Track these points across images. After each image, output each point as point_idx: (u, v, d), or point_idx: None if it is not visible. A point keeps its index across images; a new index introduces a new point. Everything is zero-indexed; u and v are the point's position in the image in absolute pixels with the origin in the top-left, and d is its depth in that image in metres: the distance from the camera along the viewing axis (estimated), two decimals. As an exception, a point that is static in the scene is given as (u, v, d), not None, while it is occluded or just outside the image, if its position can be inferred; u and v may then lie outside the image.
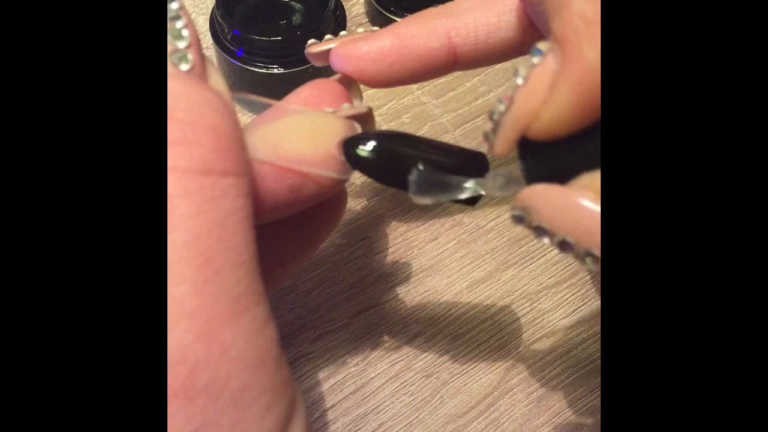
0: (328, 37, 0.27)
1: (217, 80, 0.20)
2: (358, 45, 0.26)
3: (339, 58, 0.27)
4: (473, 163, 0.24)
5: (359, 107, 0.24)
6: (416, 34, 0.26)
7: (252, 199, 0.19)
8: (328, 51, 0.27)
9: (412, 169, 0.22)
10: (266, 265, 0.24)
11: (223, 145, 0.18)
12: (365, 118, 0.25)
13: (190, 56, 0.19)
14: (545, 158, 0.21)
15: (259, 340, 0.18)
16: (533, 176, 0.21)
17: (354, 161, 0.23)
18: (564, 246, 0.20)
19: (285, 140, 0.22)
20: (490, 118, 0.21)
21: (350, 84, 0.27)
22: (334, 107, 0.25)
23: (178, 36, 0.19)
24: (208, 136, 0.18)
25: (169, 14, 0.19)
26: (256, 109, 0.24)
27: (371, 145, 0.23)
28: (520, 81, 0.21)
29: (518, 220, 0.21)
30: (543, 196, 0.20)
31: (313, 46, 0.28)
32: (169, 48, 0.18)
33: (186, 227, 0.17)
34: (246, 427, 0.17)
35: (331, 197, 0.25)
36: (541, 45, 0.21)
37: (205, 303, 0.17)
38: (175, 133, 0.17)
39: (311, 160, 0.22)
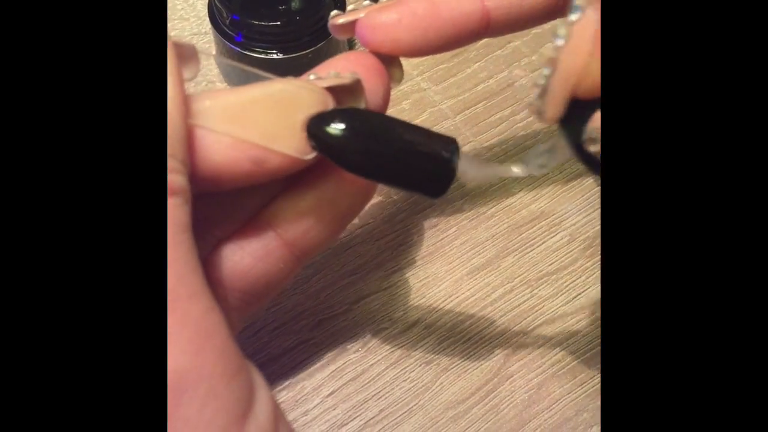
0: (351, 7, 0.26)
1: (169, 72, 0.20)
2: (388, 12, 0.24)
3: (367, 28, 0.25)
4: (443, 147, 0.22)
5: (344, 77, 0.22)
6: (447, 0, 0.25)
7: (188, 207, 0.19)
8: (353, 22, 0.25)
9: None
10: (289, 243, 0.25)
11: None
12: (353, 90, 0.23)
13: None
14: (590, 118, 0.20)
15: (194, 327, 0.18)
16: (579, 140, 0.21)
17: (319, 143, 0.21)
18: None
19: (248, 110, 0.21)
20: (536, 85, 0.21)
21: (390, 62, 0.25)
22: (366, 77, 0.23)
23: None
24: None
25: None
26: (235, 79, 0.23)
27: (339, 126, 0.21)
28: (560, 42, 0.20)
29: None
30: None
31: (337, 17, 0.26)
32: None
33: None
34: (186, 413, 0.17)
35: (359, 183, 0.24)
36: (579, 0, 0.20)
37: None
38: None
39: (273, 134, 0.21)
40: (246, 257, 0.24)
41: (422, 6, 0.25)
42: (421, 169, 0.21)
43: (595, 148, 0.20)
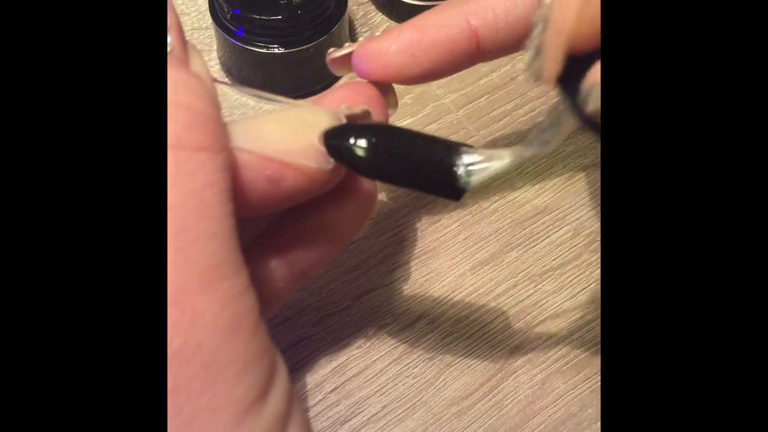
0: (347, 44, 0.27)
1: (199, 64, 0.20)
2: (379, 41, 0.26)
3: (362, 57, 0.26)
4: (452, 154, 0.22)
5: (355, 109, 0.24)
6: (435, 23, 0.26)
7: (230, 175, 0.19)
8: (350, 57, 0.27)
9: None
10: (289, 263, 0.25)
11: (196, 122, 0.18)
12: (362, 120, 0.24)
13: (168, 41, 0.19)
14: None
15: (234, 307, 0.18)
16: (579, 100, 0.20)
17: (335, 151, 0.22)
18: None
19: (266, 130, 0.22)
20: (529, 47, 0.20)
21: (386, 90, 0.27)
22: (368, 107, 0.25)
23: None
24: (181, 114, 0.18)
25: None
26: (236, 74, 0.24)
27: (353, 135, 0.22)
28: None
29: None
30: None
31: (334, 52, 0.27)
32: None
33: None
34: (217, 392, 0.18)
35: (360, 195, 0.25)
36: None
37: (180, 271, 0.17)
38: None
39: (291, 149, 0.21)
40: None
41: (409, 31, 0.26)
42: (433, 172, 0.22)
43: (594, 106, 0.19)
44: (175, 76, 0.19)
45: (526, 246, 0.37)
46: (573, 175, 0.39)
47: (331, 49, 0.28)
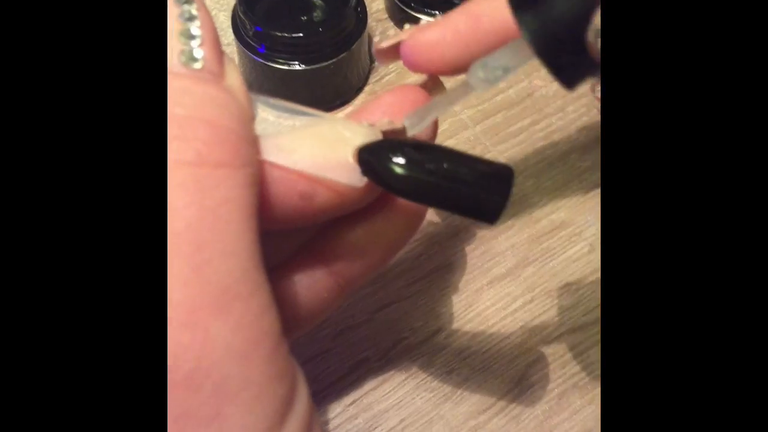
0: (391, 32, 0.26)
1: (234, 78, 0.20)
2: (431, 31, 0.25)
3: (412, 48, 0.25)
4: (497, 177, 0.21)
5: (396, 124, 0.23)
6: (489, 11, 0.25)
7: (254, 190, 0.19)
8: (397, 46, 0.25)
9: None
10: (335, 273, 0.24)
11: (218, 138, 0.18)
12: (403, 135, 0.23)
13: (199, 55, 0.19)
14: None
15: (249, 331, 0.18)
16: (538, 34, 0.19)
17: (368, 169, 0.21)
18: None
19: (299, 144, 0.21)
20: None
21: (434, 88, 0.26)
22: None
23: (189, 35, 0.19)
24: (203, 130, 0.18)
25: (183, 15, 0.19)
26: (277, 109, 0.23)
27: (387, 153, 0.21)
28: None
29: None
30: None
31: (382, 42, 0.26)
32: (180, 47, 0.19)
33: (178, 217, 0.17)
34: (229, 419, 0.17)
35: (409, 206, 0.24)
36: None
37: (192, 292, 0.17)
38: (173, 129, 0.17)
39: (323, 165, 0.21)
40: (291, 286, 0.24)
41: (464, 20, 0.24)
42: (471, 195, 0.21)
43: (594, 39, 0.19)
44: (201, 91, 0.18)
45: (543, 261, 0.37)
46: (589, 191, 0.39)
47: (377, 39, 0.26)
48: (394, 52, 0.26)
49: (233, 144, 0.18)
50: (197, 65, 0.19)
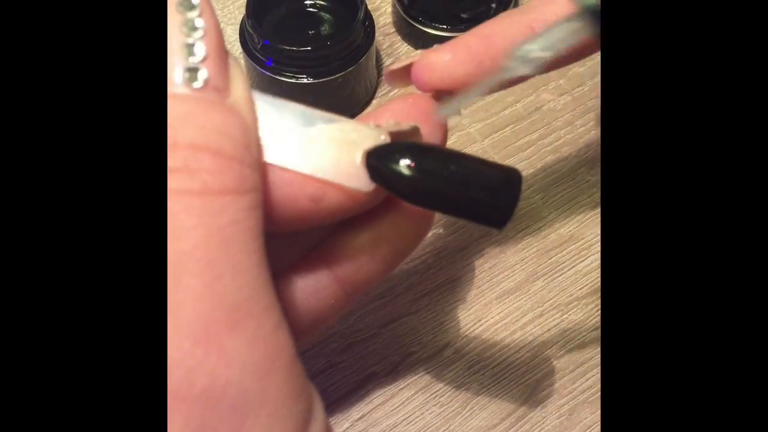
0: (400, 48, 0.26)
1: (240, 88, 0.20)
2: (442, 51, 0.25)
3: (424, 68, 0.25)
4: (506, 181, 0.21)
5: (403, 125, 0.23)
6: (499, 31, 0.25)
7: (259, 213, 0.19)
8: (408, 68, 0.26)
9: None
10: (341, 279, 0.24)
11: (222, 167, 0.18)
12: (411, 136, 0.23)
13: (203, 76, 0.18)
14: None
15: (264, 346, 0.18)
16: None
17: (376, 173, 0.21)
18: None
19: (308, 147, 0.21)
20: None
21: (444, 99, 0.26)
22: (423, 123, 0.23)
23: (192, 50, 0.18)
24: (209, 160, 0.18)
25: (187, 24, 0.19)
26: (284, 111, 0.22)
27: (395, 156, 0.21)
28: None
29: None
30: None
31: (393, 65, 0.27)
32: (183, 63, 0.18)
33: (186, 237, 0.17)
34: None
35: (416, 211, 0.24)
36: None
37: (205, 308, 0.17)
38: (177, 161, 0.17)
39: (331, 168, 0.21)
40: (297, 292, 0.24)
41: (475, 40, 0.25)
42: (481, 198, 0.21)
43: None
44: (205, 118, 0.18)
45: (552, 275, 0.37)
46: (597, 205, 0.39)
47: (388, 63, 0.27)
48: (405, 74, 0.26)
49: (238, 172, 0.18)
50: (200, 84, 0.19)
